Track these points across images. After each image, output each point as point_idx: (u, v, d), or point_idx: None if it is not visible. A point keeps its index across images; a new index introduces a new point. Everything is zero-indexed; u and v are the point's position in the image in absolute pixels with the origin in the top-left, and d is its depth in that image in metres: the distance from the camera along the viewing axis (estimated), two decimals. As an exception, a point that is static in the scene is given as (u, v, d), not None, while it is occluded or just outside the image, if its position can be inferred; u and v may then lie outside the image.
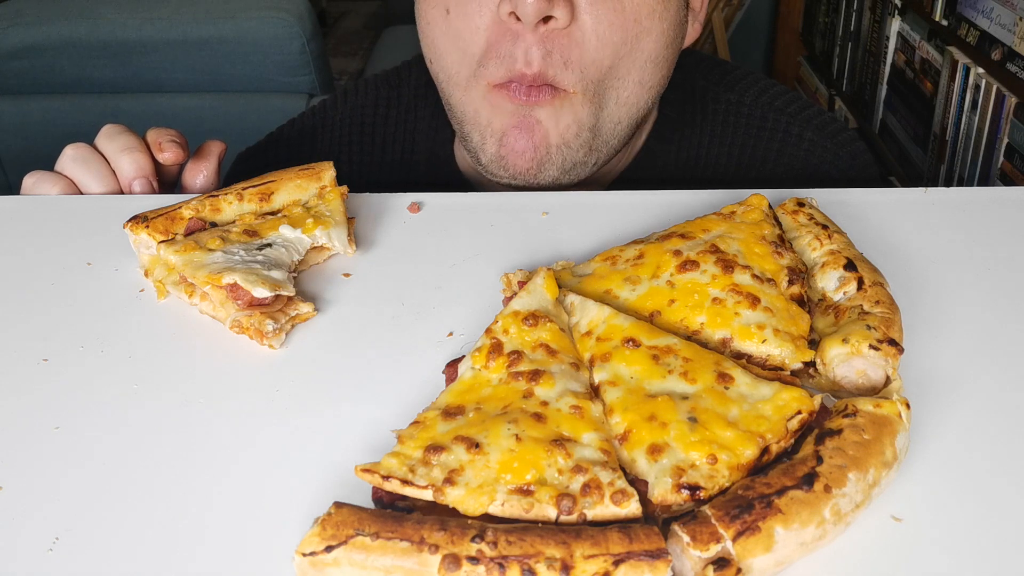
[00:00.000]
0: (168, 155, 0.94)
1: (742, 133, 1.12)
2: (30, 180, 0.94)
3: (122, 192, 0.93)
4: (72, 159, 0.94)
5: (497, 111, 0.96)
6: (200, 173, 0.97)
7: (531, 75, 0.92)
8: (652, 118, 1.12)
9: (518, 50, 0.91)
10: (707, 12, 1.06)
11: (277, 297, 0.72)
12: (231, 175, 1.18)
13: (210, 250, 0.75)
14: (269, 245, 0.77)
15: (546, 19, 0.89)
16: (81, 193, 0.93)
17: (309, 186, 0.84)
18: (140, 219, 0.78)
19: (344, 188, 0.85)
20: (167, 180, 0.97)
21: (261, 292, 0.71)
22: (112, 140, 0.95)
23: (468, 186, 1.15)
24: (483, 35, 0.93)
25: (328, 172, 0.85)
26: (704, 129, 1.13)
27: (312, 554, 0.50)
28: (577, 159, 0.98)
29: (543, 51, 0.91)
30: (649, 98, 1.00)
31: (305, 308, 0.74)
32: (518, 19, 0.89)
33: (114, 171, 0.94)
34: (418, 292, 0.77)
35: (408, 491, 0.54)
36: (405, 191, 0.92)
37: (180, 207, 0.80)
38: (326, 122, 1.24)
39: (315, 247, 0.80)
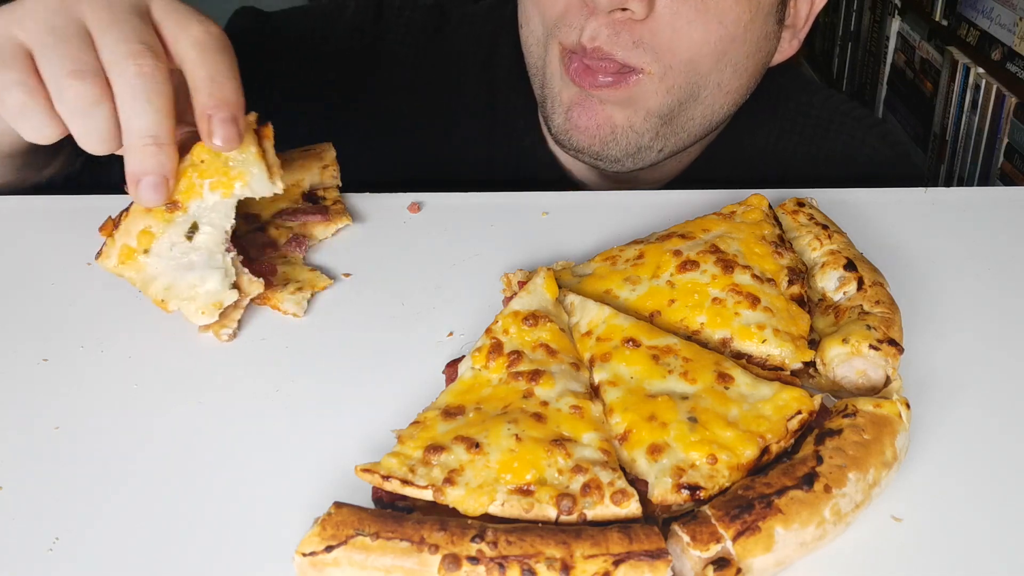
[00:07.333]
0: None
1: (809, 133, 1.15)
2: (16, 99, 0.66)
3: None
4: (75, 109, 0.66)
5: (566, 84, 0.99)
6: None
7: (591, 49, 0.93)
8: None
9: (588, 25, 0.93)
10: (807, 30, 1.06)
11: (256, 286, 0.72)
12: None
13: (144, 251, 0.70)
14: (198, 228, 0.70)
15: (623, 8, 0.90)
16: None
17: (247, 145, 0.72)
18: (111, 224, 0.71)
19: (268, 129, 0.72)
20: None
21: (203, 320, 0.69)
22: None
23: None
24: (562, 3, 0.95)
25: (251, 117, 0.72)
26: (773, 125, 1.16)
27: (312, 554, 0.50)
28: (643, 143, 1.00)
29: (611, 31, 0.92)
30: (726, 103, 1.02)
31: (318, 278, 0.77)
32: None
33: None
34: (418, 292, 0.77)
35: (408, 491, 0.54)
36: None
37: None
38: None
39: (319, 224, 0.82)
